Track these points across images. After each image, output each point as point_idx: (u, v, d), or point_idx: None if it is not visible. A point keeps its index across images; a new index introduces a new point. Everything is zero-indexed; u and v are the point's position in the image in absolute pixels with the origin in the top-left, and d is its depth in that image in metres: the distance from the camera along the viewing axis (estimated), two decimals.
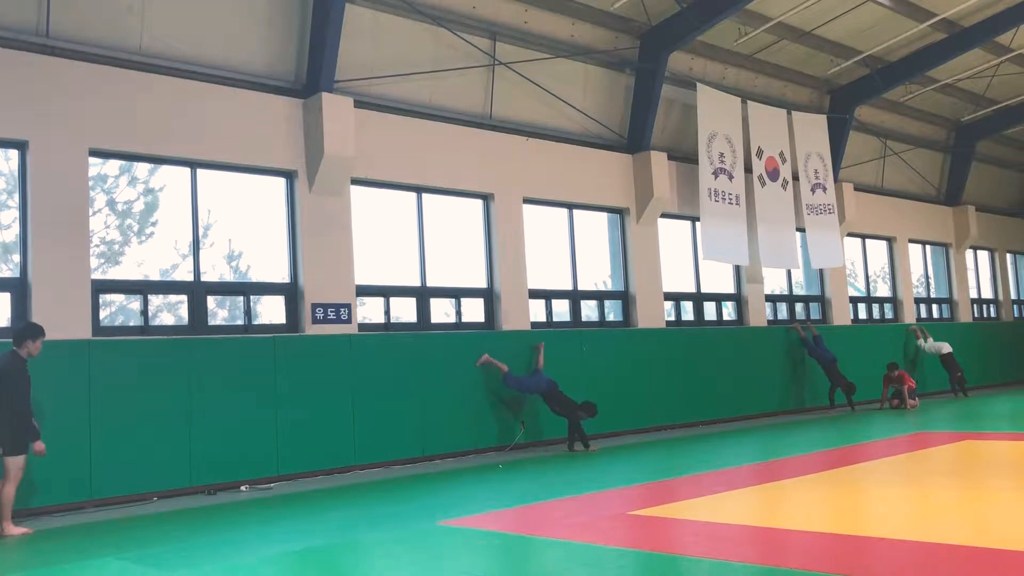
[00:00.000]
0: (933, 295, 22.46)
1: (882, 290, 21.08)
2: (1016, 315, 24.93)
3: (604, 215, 15.27)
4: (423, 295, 12.65)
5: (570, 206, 14.64)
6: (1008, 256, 24.96)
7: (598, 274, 15.25)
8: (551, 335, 13.72)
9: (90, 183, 9.91)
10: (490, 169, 13.34)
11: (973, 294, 23.52)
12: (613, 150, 15.18)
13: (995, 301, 24.40)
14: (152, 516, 8.67)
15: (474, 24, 13.02)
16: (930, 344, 19.83)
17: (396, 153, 12.29)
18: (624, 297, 15.25)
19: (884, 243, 21.05)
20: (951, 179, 22.80)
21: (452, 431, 12.28)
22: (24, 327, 8.31)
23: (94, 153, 9.95)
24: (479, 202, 13.46)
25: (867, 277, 20.60)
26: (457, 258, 13.15)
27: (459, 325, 12.97)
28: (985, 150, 23.33)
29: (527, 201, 13.91)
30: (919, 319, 21.32)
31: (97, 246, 10.15)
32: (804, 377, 17.65)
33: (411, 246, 12.67)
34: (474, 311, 13.20)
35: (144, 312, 10.23)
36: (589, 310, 14.86)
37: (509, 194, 13.57)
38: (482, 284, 13.34)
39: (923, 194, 22.19)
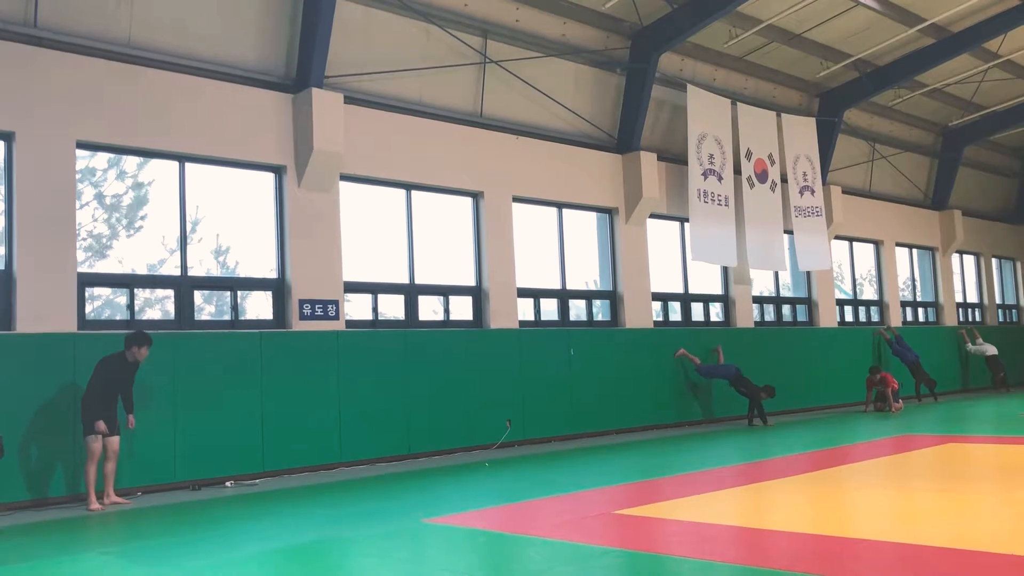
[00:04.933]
0: (919, 298, 22.59)
1: (868, 293, 21.18)
2: (1000, 319, 25.10)
3: (593, 215, 15.29)
4: (411, 292, 12.64)
5: (559, 205, 14.65)
6: (993, 261, 25.12)
7: (587, 274, 15.27)
8: (539, 334, 13.74)
9: (78, 176, 9.86)
10: (480, 167, 13.33)
11: (959, 298, 23.66)
12: (603, 150, 15.19)
13: (980, 305, 24.56)
14: (136, 511, 8.64)
15: (465, 22, 13.01)
16: (978, 346, 21.95)
17: (386, 150, 12.27)
18: (612, 297, 15.28)
19: (871, 246, 21.15)
20: (938, 183, 22.93)
21: (439, 429, 12.28)
22: (132, 334, 9.12)
23: (81, 145, 9.90)
24: (469, 200, 13.46)
25: (854, 280, 20.70)
26: (446, 256, 13.14)
27: (447, 323, 12.97)
28: (972, 155, 23.47)
29: (517, 200, 13.92)
30: (904, 323, 21.45)
31: (84, 239, 10.10)
32: (790, 378, 17.70)
33: (400, 243, 12.65)
34: (462, 309, 13.20)
35: (130, 306, 10.19)
36: (577, 309, 14.88)
37: (499, 192, 13.57)
38: (470, 282, 13.34)
39: (910, 198, 22.31)
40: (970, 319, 24.05)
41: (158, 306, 10.58)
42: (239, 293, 11.10)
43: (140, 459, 9.68)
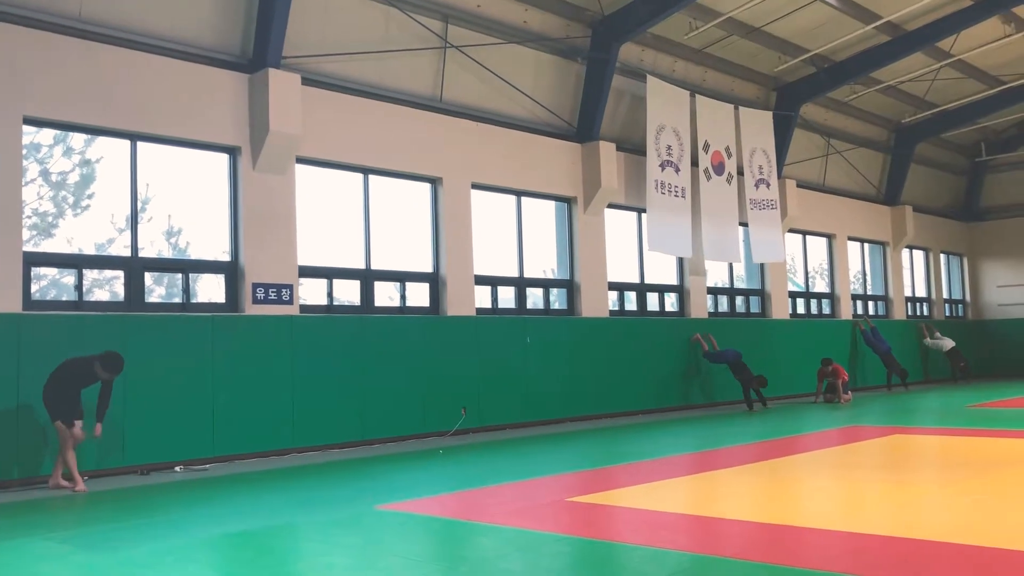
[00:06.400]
0: (870, 292, 23.01)
1: (820, 286, 21.52)
2: (947, 314, 25.69)
3: (552, 203, 15.29)
4: (367, 278, 12.53)
5: (518, 193, 14.62)
6: (942, 256, 25.68)
7: (544, 262, 15.28)
8: (495, 322, 13.72)
9: (23, 152, 9.58)
10: (439, 153, 13.25)
11: (908, 292, 24.15)
12: (563, 139, 15.19)
13: (928, 299, 25.10)
14: (82, 496, 8.46)
15: (426, 5, 12.89)
16: (936, 340, 23.06)
17: (343, 133, 12.13)
18: (569, 286, 15.32)
19: (824, 240, 21.47)
20: (890, 179, 23.34)
21: (393, 415, 12.22)
22: (110, 358, 8.84)
23: (29, 121, 9.62)
24: (427, 186, 13.37)
25: (806, 273, 21.01)
26: (403, 242, 13.05)
27: (403, 309, 12.89)
28: (923, 152, 23.93)
29: (475, 186, 13.86)
30: (855, 315, 21.84)
31: (29, 217, 9.84)
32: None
33: (356, 228, 12.53)
34: (419, 295, 13.13)
35: (78, 287, 9.96)
36: (534, 298, 14.89)
37: (457, 179, 13.50)
38: (428, 268, 13.27)
39: (863, 193, 22.68)
40: (919, 313, 24.58)
41: (107, 287, 10.36)
42: (191, 275, 10.91)
43: (87, 444, 9.45)
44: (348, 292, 12.41)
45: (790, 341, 19.20)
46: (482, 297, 13.95)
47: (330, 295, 12.15)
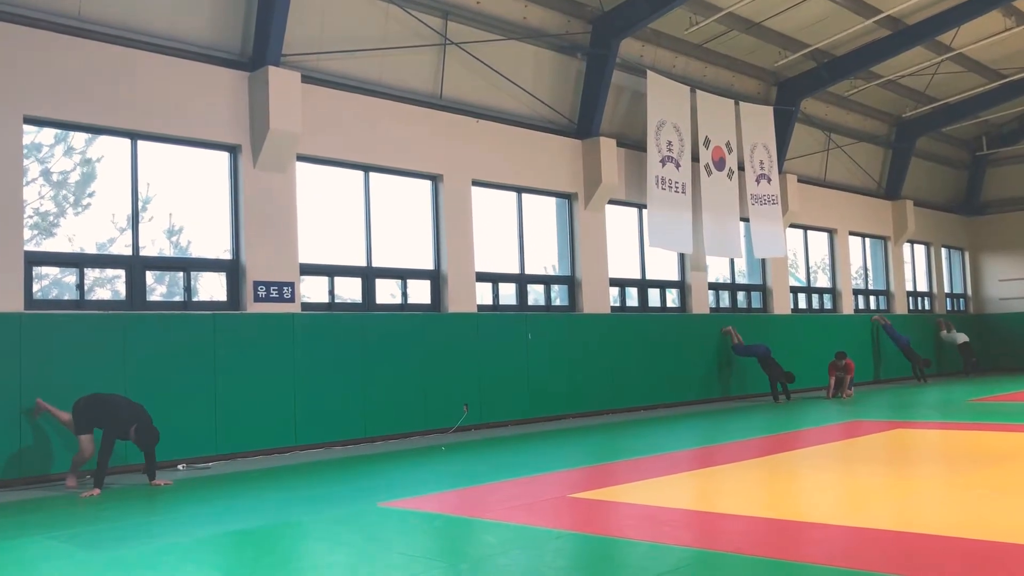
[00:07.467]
0: (871, 287, 22.99)
1: (822, 281, 21.50)
2: (948, 308, 25.67)
3: (552, 200, 15.29)
4: (368, 275, 12.54)
5: (519, 190, 14.62)
6: (943, 250, 25.66)
7: (545, 259, 15.28)
8: (497, 319, 13.73)
9: (24, 151, 9.59)
10: (439, 150, 13.24)
11: (909, 287, 24.14)
12: (563, 135, 15.18)
13: (929, 294, 25.08)
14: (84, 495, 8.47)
15: (426, 2, 12.87)
16: (952, 334, 23.61)
17: (344, 130, 12.13)
18: (570, 282, 15.31)
19: (825, 234, 21.45)
20: (891, 174, 23.32)
21: (395, 413, 12.24)
22: (140, 428, 8.63)
23: (29, 121, 9.63)
24: (427, 183, 13.37)
25: (808, 268, 20.99)
26: (404, 239, 13.06)
27: (404, 306, 12.90)
28: (924, 146, 23.90)
29: (476, 183, 13.86)
30: (856, 310, 21.83)
31: (30, 217, 9.84)
32: (744, 364, 17.92)
33: (357, 225, 12.53)
34: (420, 293, 13.14)
35: (80, 286, 9.97)
36: (535, 294, 14.89)
37: (458, 176, 13.49)
38: (429, 266, 13.27)
39: (864, 188, 22.66)
40: (920, 307, 24.56)
41: (108, 286, 10.37)
42: (192, 274, 10.92)
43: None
44: (349, 290, 12.42)
45: (794, 336, 19.17)
46: (483, 294, 13.96)
47: (331, 293, 12.16)
